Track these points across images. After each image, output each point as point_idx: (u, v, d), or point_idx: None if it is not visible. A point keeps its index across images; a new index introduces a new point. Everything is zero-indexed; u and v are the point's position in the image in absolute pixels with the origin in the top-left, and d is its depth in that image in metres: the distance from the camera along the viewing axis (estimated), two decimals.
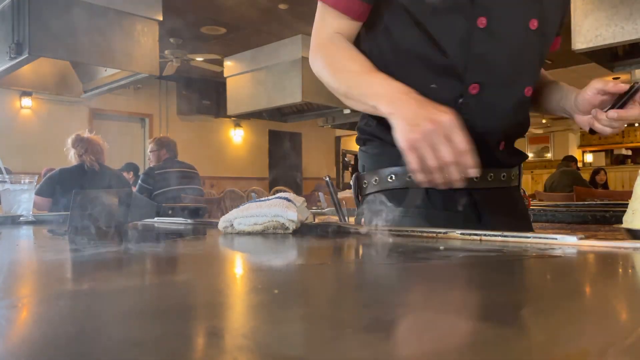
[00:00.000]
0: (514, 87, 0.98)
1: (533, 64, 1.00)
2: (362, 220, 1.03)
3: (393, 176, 0.99)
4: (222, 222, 0.91)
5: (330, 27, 1.01)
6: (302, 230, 0.91)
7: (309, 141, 10.89)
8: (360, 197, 1.06)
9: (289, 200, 0.92)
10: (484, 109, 0.95)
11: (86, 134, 3.46)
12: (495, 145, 0.99)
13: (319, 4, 1.02)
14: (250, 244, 0.81)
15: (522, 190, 1.12)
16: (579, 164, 16.06)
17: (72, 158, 3.43)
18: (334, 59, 0.99)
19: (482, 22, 0.92)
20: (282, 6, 5.46)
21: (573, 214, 1.96)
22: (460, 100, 0.94)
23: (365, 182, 1.05)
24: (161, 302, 0.39)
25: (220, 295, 0.43)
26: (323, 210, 2.78)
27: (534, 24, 0.95)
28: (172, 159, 4.23)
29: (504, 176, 1.02)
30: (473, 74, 0.93)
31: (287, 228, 0.88)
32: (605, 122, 0.94)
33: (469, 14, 0.91)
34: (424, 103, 0.82)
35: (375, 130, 1.02)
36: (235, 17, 5.85)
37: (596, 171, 7.72)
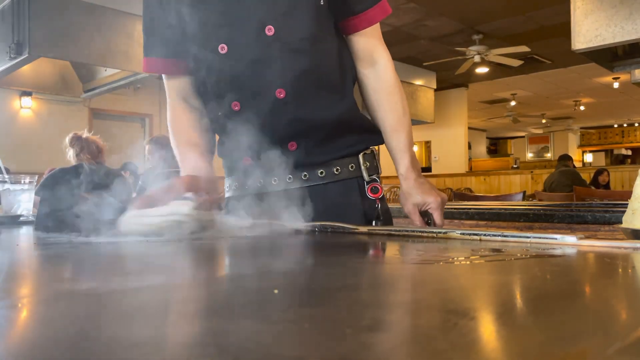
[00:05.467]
0: (266, 93, 1.06)
1: (281, 66, 1.05)
2: None
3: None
4: (121, 224, 0.85)
5: (167, 89, 1.19)
6: (301, 231, 0.91)
7: None
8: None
9: (187, 198, 0.88)
10: (251, 119, 1.05)
11: (85, 134, 3.45)
12: (286, 147, 1.08)
13: None
14: (247, 244, 0.81)
15: (370, 186, 1.13)
16: (579, 164, 16.07)
17: (70, 157, 3.43)
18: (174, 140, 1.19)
19: (223, 48, 1.04)
20: None
21: (573, 214, 1.96)
22: (226, 116, 1.08)
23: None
24: (161, 302, 0.39)
25: (219, 295, 0.43)
26: None
27: (270, 30, 1.03)
28: (171, 159, 4.21)
29: (305, 175, 1.10)
30: (231, 95, 1.07)
31: (184, 225, 0.83)
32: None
33: (210, 40, 1.05)
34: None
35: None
36: None
37: (599, 171, 7.65)
